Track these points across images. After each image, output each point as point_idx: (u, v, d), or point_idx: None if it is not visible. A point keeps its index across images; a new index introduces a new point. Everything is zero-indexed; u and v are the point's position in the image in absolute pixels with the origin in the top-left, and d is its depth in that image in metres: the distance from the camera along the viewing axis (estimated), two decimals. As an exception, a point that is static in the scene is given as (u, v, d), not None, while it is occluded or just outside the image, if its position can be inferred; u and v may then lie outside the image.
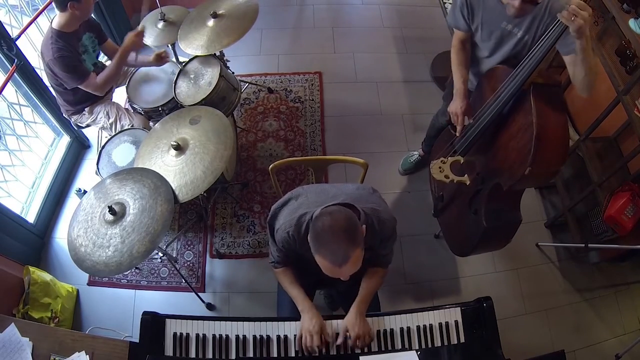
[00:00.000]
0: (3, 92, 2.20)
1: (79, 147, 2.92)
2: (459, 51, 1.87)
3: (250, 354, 1.47)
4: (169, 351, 1.46)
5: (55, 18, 2.03)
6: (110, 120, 2.38)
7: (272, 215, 1.51)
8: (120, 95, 2.64)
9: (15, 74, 2.26)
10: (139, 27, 2.37)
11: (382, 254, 1.57)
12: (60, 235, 2.61)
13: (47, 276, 2.27)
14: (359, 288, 1.58)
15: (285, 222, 1.44)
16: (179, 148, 1.94)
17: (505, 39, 1.68)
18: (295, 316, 1.56)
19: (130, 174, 1.87)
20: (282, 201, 1.51)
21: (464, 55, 1.87)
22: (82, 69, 2.12)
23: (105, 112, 2.38)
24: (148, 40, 2.55)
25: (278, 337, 1.50)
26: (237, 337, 1.49)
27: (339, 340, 1.48)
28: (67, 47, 2.03)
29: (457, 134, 1.84)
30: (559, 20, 1.33)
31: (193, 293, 2.34)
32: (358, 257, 1.24)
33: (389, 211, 1.50)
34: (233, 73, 2.59)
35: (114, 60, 2.23)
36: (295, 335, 1.50)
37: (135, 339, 1.54)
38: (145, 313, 1.49)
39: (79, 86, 2.15)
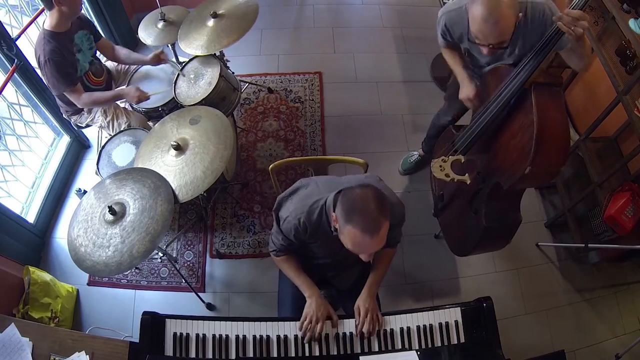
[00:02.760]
0: (3, 92, 2.20)
1: (79, 147, 2.92)
2: (448, 49, 1.92)
3: (250, 354, 1.47)
4: (169, 351, 1.46)
5: (46, 19, 2.02)
6: (108, 119, 2.38)
7: (278, 204, 1.51)
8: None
9: (15, 74, 2.26)
10: (148, 94, 2.31)
11: (391, 236, 1.58)
12: (60, 235, 2.61)
13: (47, 276, 2.27)
14: (362, 282, 1.58)
15: (295, 209, 1.43)
16: (179, 148, 1.94)
17: (498, 56, 1.71)
18: (297, 315, 1.56)
19: (130, 174, 1.87)
20: (290, 190, 1.50)
21: (455, 50, 1.91)
22: (70, 77, 2.09)
23: (102, 111, 2.37)
24: (148, 40, 2.55)
25: (278, 337, 1.50)
26: (237, 337, 1.49)
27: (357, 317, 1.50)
28: (60, 49, 2.01)
29: (473, 116, 1.84)
30: (555, 27, 1.35)
31: (193, 293, 2.34)
32: (385, 233, 1.23)
33: (397, 197, 1.51)
34: (233, 73, 2.59)
35: (108, 94, 2.26)
36: (295, 335, 1.50)
37: (135, 339, 1.54)
38: (145, 313, 1.49)
39: (64, 93, 2.13)
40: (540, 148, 1.43)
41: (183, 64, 2.45)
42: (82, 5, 2.12)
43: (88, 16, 2.94)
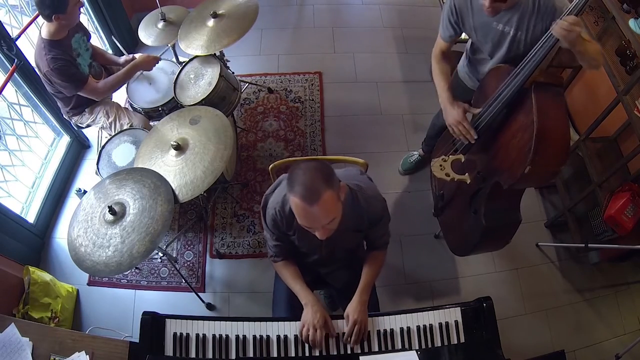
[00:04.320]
0: (3, 92, 2.20)
1: (79, 147, 2.92)
2: (440, 61, 1.88)
3: (250, 354, 1.47)
4: (169, 351, 1.46)
5: (43, 27, 2.02)
6: (110, 120, 2.38)
7: (264, 201, 1.51)
8: (120, 95, 2.64)
9: (15, 74, 2.26)
10: (159, 56, 2.42)
11: (377, 235, 1.58)
12: (60, 235, 2.61)
13: (47, 276, 2.27)
14: (358, 279, 1.58)
15: (272, 200, 1.45)
16: (179, 148, 1.94)
17: (500, 38, 1.68)
18: (290, 315, 1.56)
19: (130, 174, 1.87)
20: (273, 186, 1.52)
21: (446, 64, 1.88)
22: (79, 76, 2.11)
23: (104, 112, 2.38)
24: (148, 40, 2.55)
25: (278, 337, 1.50)
26: (237, 337, 1.49)
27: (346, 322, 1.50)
28: (61, 55, 2.01)
29: (473, 138, 1.75)
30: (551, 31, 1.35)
31: (193, 293, 2.34)
32: (331, 201, 1.20)
33: (377, 190, 1.50)
34: (233, 73, 2.59)
35: (122, 72, 2.29)
36: (295, 335, 1.50)
37: (135, 339, 1.54)
38: (145, 313, 1.49)
39: (79, 93, 2.15)
40: (540, 148, 1.43)
41: (183, 64, 2.45)
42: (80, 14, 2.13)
43: (87, 16, 2.96)
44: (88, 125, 2.45)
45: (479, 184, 1.80)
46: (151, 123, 2.48)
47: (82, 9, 2.17)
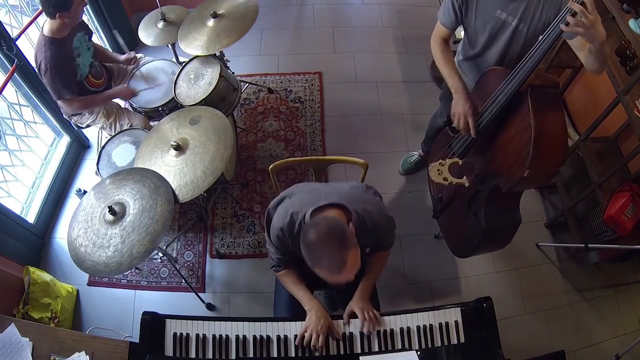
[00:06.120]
0: (3, 92, 2.20)
1: (79, 147, 2.92)
2: (445, 49, 1.82)
3: (250, 354, 1.47)
4: (169, 351, 1.46)
5: (45, 24, 2.03)
6: (110, 120, 2.39)
7: (267, 215, 1.53)
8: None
9: (15, 74, 2.26)
10: (136, 91, 2.42)
11: (382, 243, 1.59)
12: (60, 236, 2.61)
13: (47, 276, 2.27)
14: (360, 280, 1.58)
15: (277, 218, 1.46)
16: (179, 148, 1.94)
17: (501, 29, 1.66)
18: (291, 316, 1.55)
19: (130, 174, 1.87)
20: (276, 200, 1.52)
21: (449, 52, 1.83)
22: (68, 87, 2.11)
23: (104, 112, 2.38)
24: (148, 40, 2.55)
25: (278, 337, 1.50)
26: (237, 337, 1.49)
27: (345, 319, 1.52)
28: (60, 55, 2.02)
29: (474, 135, 1.72)
30: (555, 23, 1.33)
31: (193, 293, 2.34)
32: (355, 258, 1.24)
33: (384, 210, 1.50)
34: (233, 73, 2.59)
35: (99, 96, 2.29)
36: (295, 335, 1.50)
37: (135, 339, 1.54)
38: (145, 313, 1.50)
39: (57, 100, 2.15)
40: (538, 151, 1.42)
41: (183, 64, 2.45)
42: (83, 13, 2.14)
43: (88, 16, 2.96)
44: (88, 126, 2.45)
45: (478, 187, 1.80)
46: (151, 123, 2.48)
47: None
